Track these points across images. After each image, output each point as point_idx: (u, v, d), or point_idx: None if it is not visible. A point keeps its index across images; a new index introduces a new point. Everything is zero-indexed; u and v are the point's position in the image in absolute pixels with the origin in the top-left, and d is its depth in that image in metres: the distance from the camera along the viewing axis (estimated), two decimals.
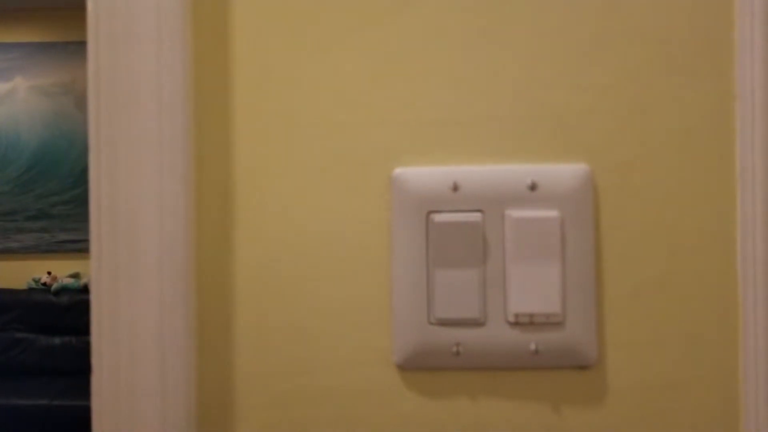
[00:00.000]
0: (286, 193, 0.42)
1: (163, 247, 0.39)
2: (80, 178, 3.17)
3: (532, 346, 0.40)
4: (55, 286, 3.05)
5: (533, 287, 0.39)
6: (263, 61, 0.42)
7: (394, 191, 0.41)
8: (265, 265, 0.42)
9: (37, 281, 3.15)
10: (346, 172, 0.41)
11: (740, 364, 0.40)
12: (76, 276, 3.14)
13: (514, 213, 0.39)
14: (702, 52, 0.40)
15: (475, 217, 0.40)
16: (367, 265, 0.41)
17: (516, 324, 0.40)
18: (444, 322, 0.40)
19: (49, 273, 3.16)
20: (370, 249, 0.41)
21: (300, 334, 0.42)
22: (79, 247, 3.17)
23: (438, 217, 0.40)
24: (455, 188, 0.40)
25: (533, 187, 0.40)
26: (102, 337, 0.40)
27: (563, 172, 0.40)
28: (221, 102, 0.42)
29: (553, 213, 0.39)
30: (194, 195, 0.41)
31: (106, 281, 0.40)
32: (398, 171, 0.41)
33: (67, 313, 2.96)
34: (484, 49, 0.41)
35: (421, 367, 0.41)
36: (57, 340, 2.91)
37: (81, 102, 3.09)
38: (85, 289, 2.96)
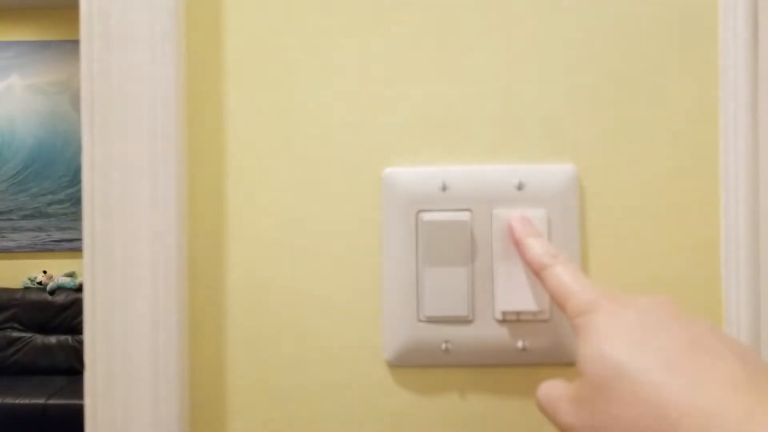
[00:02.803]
0: (277, 193, 0.42)
1: (156, 245, 0.40)
2: (76, 177, 3.16)
3: (520, 344, 0.40)
4: (50, 285, 3.05)
5: (520, 285, 0.39)
6: (256, 62, 0.42)
7: (384, 191, 0.41)
8: (257, 263, 0.42)
9: (32, 280, 3.14)
10: (337, 172, 0.42)
11: None
12: (71, 275, 3.13)
13: (502, 212, 0.40)
14: (687, 55, 0.41)
15: (464, 216, 0.40)
16: (358, 264, 0.42)
17: (503, 322, 0.40)
18: (433, 320, 0.41)
19: (44, 272, 3.15)
20: (361, 247, 0.42)
21: (292, 331, 0.42)
22: (75, 246, 3.17)
23: (427, 216, 0.40)
24: (444, 188, 0.41)
25: (520, 186, 0.40)
26: (95, 336, 0.40)
27: (550, 172, 0.41)
28: (214, 101, 0.42)
29: (539, 212, 0.40)
30: (187, 194, 0.42)
31: (99, 280, 0.40)
32: (388, 171, 0.41)
33: (63, 312, 2.95)
34: (473, 50, 0.41)
35: (411, 363, 0.41)
36: (53, 339, 2.91)
37: (77, 101, 3.08)
38: (80, 288, 2.95)
